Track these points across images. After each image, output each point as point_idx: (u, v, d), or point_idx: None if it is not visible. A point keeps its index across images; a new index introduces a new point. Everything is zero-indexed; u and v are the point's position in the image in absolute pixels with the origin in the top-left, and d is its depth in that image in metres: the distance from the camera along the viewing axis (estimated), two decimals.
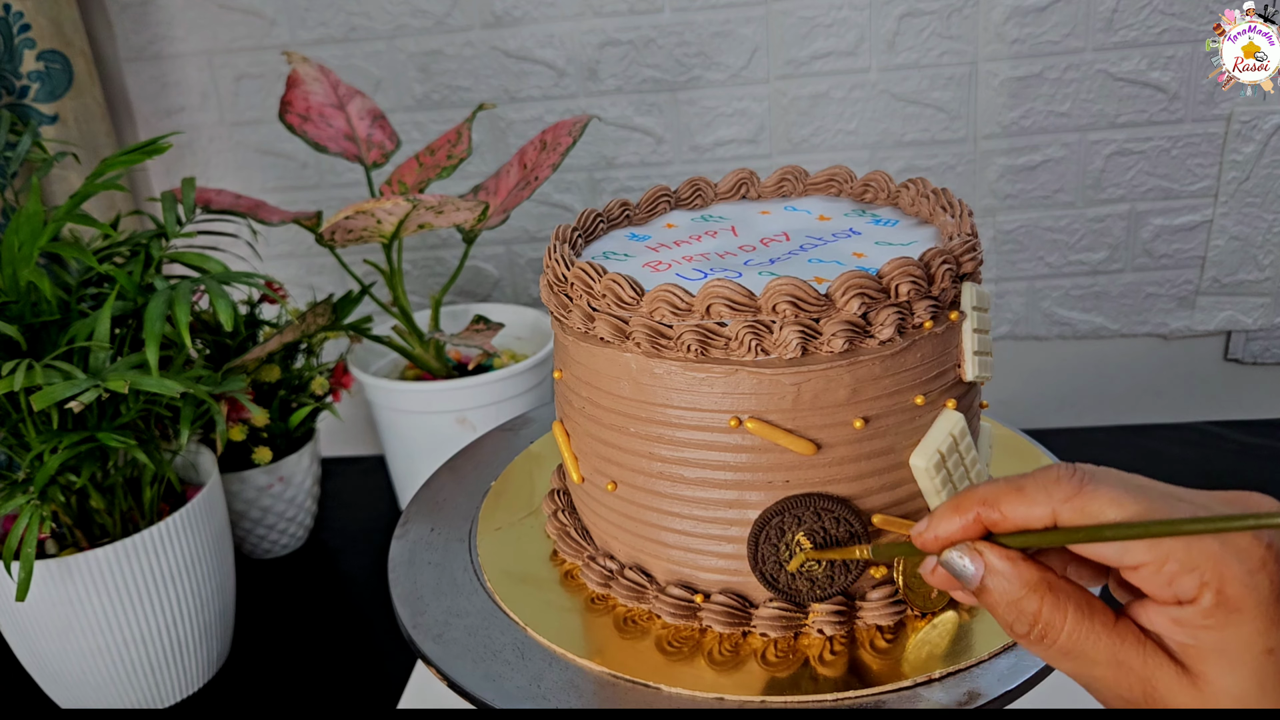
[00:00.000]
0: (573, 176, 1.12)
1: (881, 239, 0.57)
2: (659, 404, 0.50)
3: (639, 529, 0.53)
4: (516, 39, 1.07)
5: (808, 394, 0.48)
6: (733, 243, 0.58)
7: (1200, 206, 1.07)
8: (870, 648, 0.50)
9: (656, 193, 0.63)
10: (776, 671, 0.49)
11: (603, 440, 0.53)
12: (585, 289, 0.52)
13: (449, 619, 0.55)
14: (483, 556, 0.59)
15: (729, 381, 0.48)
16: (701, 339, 0.48)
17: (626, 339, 0.50)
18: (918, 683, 0.48)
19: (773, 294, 0.47)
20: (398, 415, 0.96)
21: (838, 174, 0.65)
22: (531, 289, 1.18)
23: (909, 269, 0.48)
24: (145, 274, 0.76)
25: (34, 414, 0.71)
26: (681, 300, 0.48)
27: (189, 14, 1.09)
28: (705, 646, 0.51)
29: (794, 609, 0.51)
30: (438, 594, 0.57)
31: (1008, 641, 0.50)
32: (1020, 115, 1.06)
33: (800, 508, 0.49)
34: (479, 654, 0.52)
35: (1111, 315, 1.13)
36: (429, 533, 0.63)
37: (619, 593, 0.54)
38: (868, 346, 0.48)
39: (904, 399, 0.49)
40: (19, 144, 0.82)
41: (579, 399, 0.54)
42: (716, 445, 0.49)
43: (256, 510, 0.96)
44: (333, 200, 1.15)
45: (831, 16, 1.03)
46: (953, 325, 0.51)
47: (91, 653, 0.75)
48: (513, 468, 0.68)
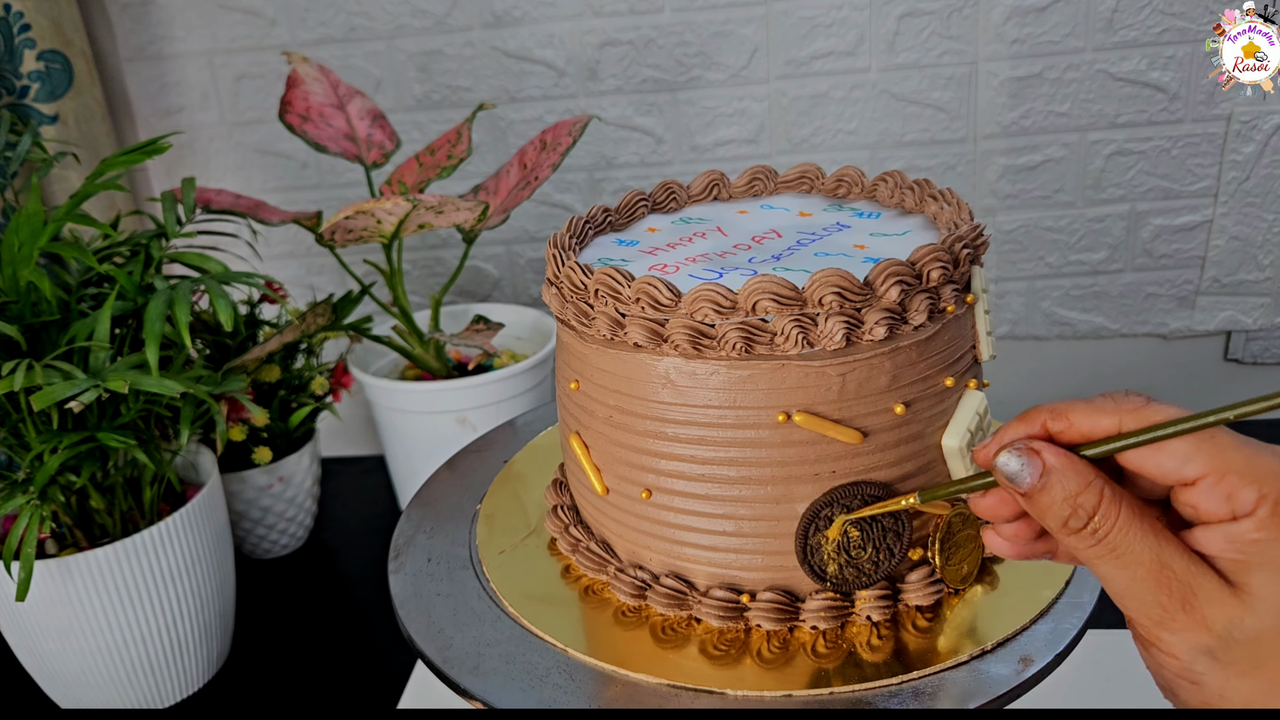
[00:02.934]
0: (573, 176, 1.12)
1: (875, 230, 0.58)
2: (700, 405, 0.49)
3: (677, 534, 0.52)
4: (516, 39, 1.07)
5: (852, 383, 0.48)
6: (726, 242, 0.58)
7: (1200, 206, 1.07)
8: (913, 628, 0.51)
9: (634, 197, 0.63)
10: (825, 663, 0.50)
11: (634, 448, 0.52)
12: (612, 294, 0.51)
13: (480, 649, 0.53)
14: (495, 582, 0.57)
15: (775, 377, 0.48)
16: (747, 336, 0.48)
17: (664, 341, 0.49)
18: (973, 655, 0.49)
19: (818, 286, 0.48)
20: (398, 415, 0.96)
21: (808, 171, 0.66)
22: (531, 289, 1.18)
23: (938, 254, 0.50)
24: (145, 274, 0.76)
25: (34, 414, 0.71)
26: (725, 298, 0.48)
27: (189, 14, 1.09)
28: (753, 646, 0.51)
29: (841, 599, 0.51)
30: (459, 625, 0.55)
31: (1039, 609, 0.51)
32: (1020, 115, 1.06)
33: (848, 497, 0.50)
34: (525, 681, 0.50)
35: (1111, 315, 1.13)
36: (426, 564, 0.61)
37: (657, 602, 0.53)
38: (904, 333, 0.49)
39: (936, 382, 0.51)
40: (19, 144, 0.82)
41: (604, 408, 0.53)
42: (762, 442, 0.49)
43: (256, 510, 0.96)
44: (333, 200, 1.15)
45: (831, 16, 1.03)
46: (969, 308, 0.52)
47: (91, 653, 0.75)
48: (494, 491, 0.66)
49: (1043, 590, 0.53)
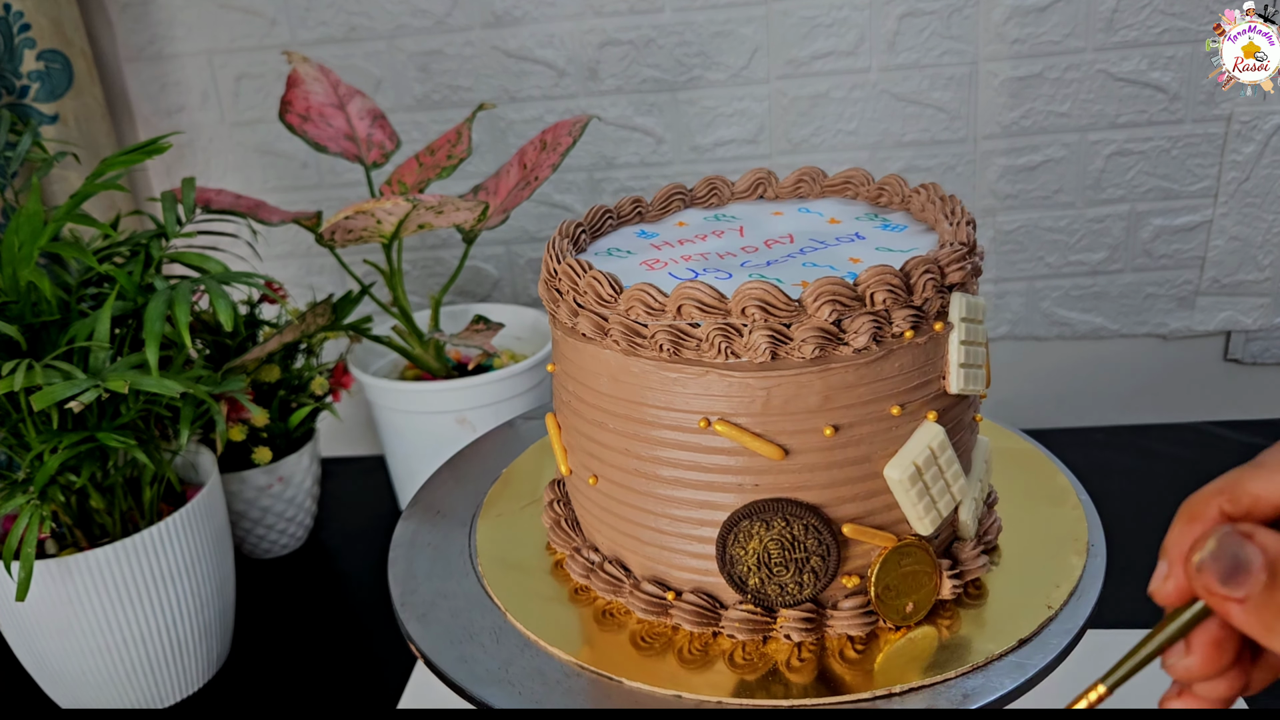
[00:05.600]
0: (573, 176, 1.12)
1: (883, 244, 0.56)
2: (635, 402, 0.50)
3: (618, 523, 0.54)
4: (516, 39, 1.07)
5: (778, 399, 0.48)
6: (736, 243, 0.58)
7: (1200, 207, 1.07)
8: (840, 657, 0.50)
9: (670, 190, 0.64)
10: (744, 674, 0.49)
11: (586, 435, 0.54)
12: (571, 285, 0.53)
13: (436, 600, 0.56)
14: (479, 542, 0.60)
15: (700, 383, 0.48)
16: (674, 339, 0.48)
17: (606, 336, 0.51)
18: (893, 692, 0.47)
19: (742, 297, 0.47)
20: (398, 415, 0.96)
21: (854, 176, 0.64)
22: (531, 289, 1.18)
23: (886, 277, 0.48)
24: (145, 274, 0.76)
25: (34, 414, 0.71)
26: (655, 300, 0.49)
27: (189, 14, 1.09)
28: (677, 644, 0.52)
29: (762, 613, 0.51)
30: (430, 576, 0.58)
31: (1000, 649, 0.49)
32: (1020, 115, 1.06)
33: (768, 512, 0.49)
34: (457, 635, 0.53)
35: (1111, 315, 1.13)
36: (435, 515, 0.64)
37: (598, 585, 0.55)
38: (841, 354, 0.48)
39: (879, 408, 0.49)
40: (19, 144, 0.82)
41: (566, 393, 0.55)
42: (689, 445, 0.49)
43: (256, 510, 0.96)
44: (333, 200, 1.15)
45: (831, 16, 1.03)
46: (937, 336, 0.50)
47: (91, 653, 0.75)
48: (525, 456, 0.70)
49: (1005, 634, 0.50)
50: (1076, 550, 0.56)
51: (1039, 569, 0.55)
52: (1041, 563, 0.55)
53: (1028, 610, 0.52)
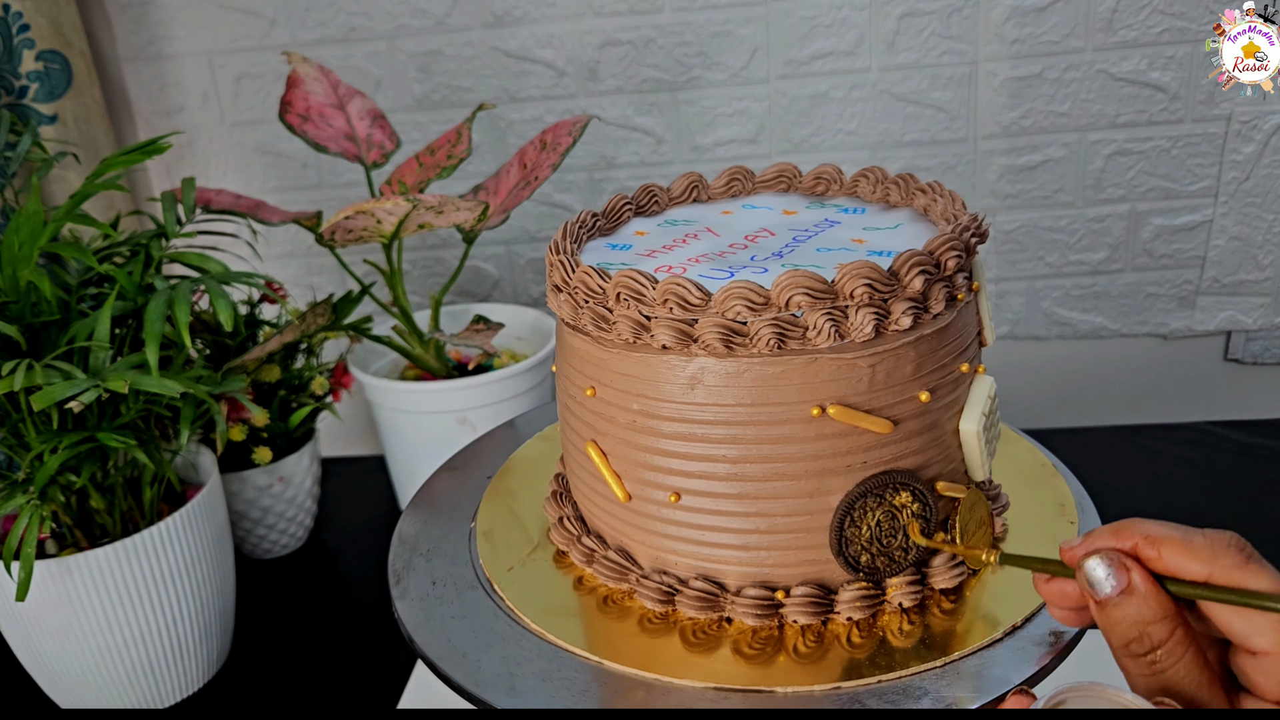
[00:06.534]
0: (573, 176, 1.12)
1: (866, 225, 0.59)
2: (731, 404, 0.49)
3: (706, 536, 0.52)
4: (516, 39, 1.07)
5: (881, 374, 0.49)
6: (720, 242, 0.58)
7: (1200, 206, 1.07)
8: (939, 612, 0.52)
9: (618, 200, 0.63)
10: (858, 653, 0.50)
11: (660, 451, 0.52)
12: (635, 297, 0.51)
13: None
14: (511, 599, 0.56)
15: (808, 372, 0.49)
16: (779, 332, 0.48)
17: (694, 342, 0.49)
18: (1005, 632, 0.50)
19: (849, 279, 0.48)
20: (398, 415, 0.96)
21: (785, 170, 0.67)
22: (531, 289, 1.18)
23: (953, 243, 0.51)
24: (145, 274, 0.76)
25: (34, 414, 0.71)
26: (758, 295, 0.48)
27: (189, 14, 1.09)
28: (788, 642, 0.51)
29: (873, 588, 0.52)
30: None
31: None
32: (1020, 115, 1.06)
33: (880, 487, 0.50)
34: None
35: (1111, 315, 1.13)
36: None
37: (687, 606, 0.53)
38: (925, 321, 0.50)
39: (953, 369, 0.52)
40: (19, 144, 0.82)
41: (625, 413, 0.52)
42: (794, 438, 0.49)
43: (256, 510, 0.96)
44: (333, 200, 1.15)
45: (831, 16, 1.03)
46: (974, 294, 0.54)
47: (91, 653, 0.75)
48: (489, 508, 0.65)
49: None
50: None
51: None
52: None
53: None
